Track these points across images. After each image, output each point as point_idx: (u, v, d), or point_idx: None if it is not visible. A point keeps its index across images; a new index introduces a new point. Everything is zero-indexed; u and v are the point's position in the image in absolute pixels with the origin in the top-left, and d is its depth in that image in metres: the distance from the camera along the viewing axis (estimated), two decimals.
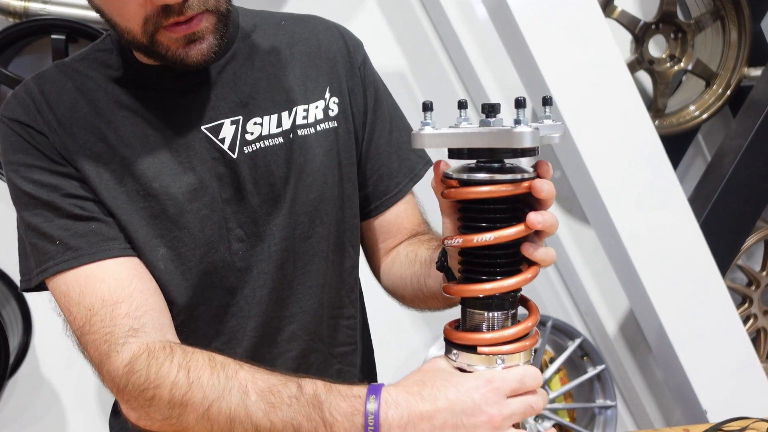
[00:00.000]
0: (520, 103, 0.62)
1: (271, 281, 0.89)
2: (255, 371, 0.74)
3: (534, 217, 0.67)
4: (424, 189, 0.93)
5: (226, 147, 0.86)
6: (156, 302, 0.82)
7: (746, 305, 2.13)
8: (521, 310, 0.73)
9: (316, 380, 0.72)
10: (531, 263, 0.70)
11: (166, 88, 0.85)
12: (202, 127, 0.86)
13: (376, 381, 1.12)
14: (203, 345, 0.85)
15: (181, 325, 0.86)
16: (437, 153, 0.70)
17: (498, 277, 0.68)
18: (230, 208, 0.86)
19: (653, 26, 1.96)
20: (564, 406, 2.08)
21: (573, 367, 2.14)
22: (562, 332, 2.08)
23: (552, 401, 2.05)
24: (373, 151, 0.98)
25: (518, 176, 0.66)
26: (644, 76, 2.06)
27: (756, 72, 1.97)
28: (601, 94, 1.71)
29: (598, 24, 1.70)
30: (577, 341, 2.05)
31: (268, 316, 0.90)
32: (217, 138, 0.86)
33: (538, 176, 0.67)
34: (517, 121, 0.61)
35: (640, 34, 1.95)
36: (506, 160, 0.67)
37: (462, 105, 0.67)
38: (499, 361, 0.68)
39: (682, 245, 1.77)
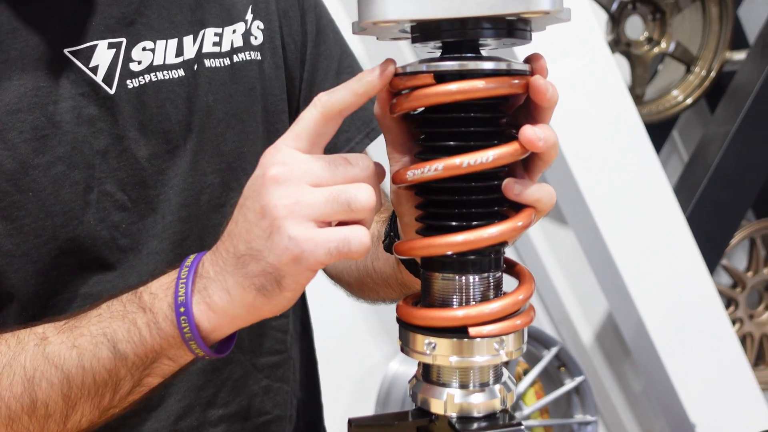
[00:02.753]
0: None
1: (166, 264, 0.66)
2: (58, 319, 0.58)
3: (532, 133, 0.45)
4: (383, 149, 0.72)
5: (99, 79, 0.64)
6: None
7: (732, 308, 1.99)
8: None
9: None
10: (518, 208, 0.49)
11: None
12: (66, 50, 0.63)
13: (320, 403, 0.90)
14: None
15: (33, 322, 0.63)
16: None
17: (475, 223, 0.47)
18: (106, 164, 0.64)
19: (629, 5, 1.82)
20: (540, 423, 1.89)
21: (548, 380, 1.96)
22: (536, 340, 1.90)
23: (527, 418, 1.86)
24: (315, 96, 0.77)
25: (521, 68, 0.46)
26: (620, 63, 1.92)
27: (739, 55, 1.85)
28: (579, 75, 1.56)
29: None
30: (554, 350, 1.87)
31: None
32: (87, 66, 0.63)
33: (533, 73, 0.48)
34: None
35: (617, 13, 1.81)
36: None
37: None
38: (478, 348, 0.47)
39: (667, 240, 1.65)
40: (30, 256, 0.62)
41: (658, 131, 1.94)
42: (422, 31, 0.45)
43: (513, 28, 0.44)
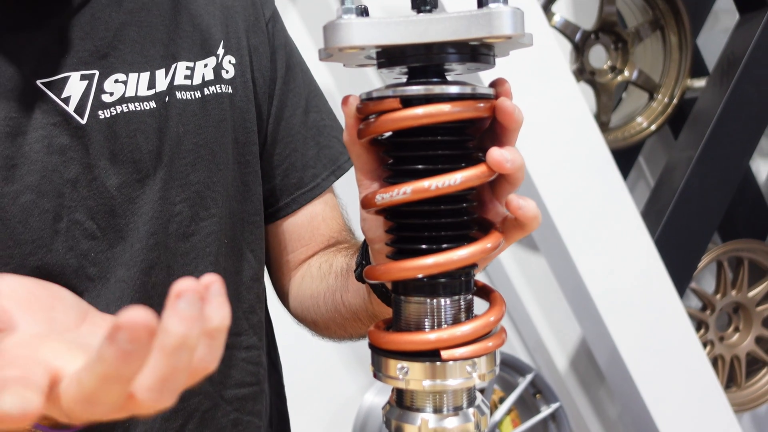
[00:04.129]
0: None
1: (133, 292, 0.66)
2: None
3: (499, 154, 0.46)
4: (349, 186, 0.72)
5: (71, 109, 0.64)
6: None
7: (702, 331, 2.00)
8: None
9: None
10: (486, 231, 0.49)
11: None
12: (38, 81, 0.63)
13: None
14: None
15: None
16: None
17: (445, 246, 0.47)
18: (76, 192, 0.64)
19: (593, 35, 1.87)
20: None
21: (524, 407, 1.95)
22: (510, 368, 1.89)
23: None
24: (283, 131, 0.78)
25: (486, 92, 0.46)
26: (585, 91, 1.96)
27: (700, 83, 1.90)
28: (546, 105, 1.59)
29: (541, 28, 1.58)
30: (529, 377, 1.86)
31: None
32: (59, 97, 0.64)
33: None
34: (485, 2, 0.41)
35: (580, 43, 1.85)
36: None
37: None
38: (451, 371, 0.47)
39: (637, 265, 1.66)
40: None
41: (625, 157, 1.97)
42: (388, 56, 0.45)
43: (477, 52, 0.44)
